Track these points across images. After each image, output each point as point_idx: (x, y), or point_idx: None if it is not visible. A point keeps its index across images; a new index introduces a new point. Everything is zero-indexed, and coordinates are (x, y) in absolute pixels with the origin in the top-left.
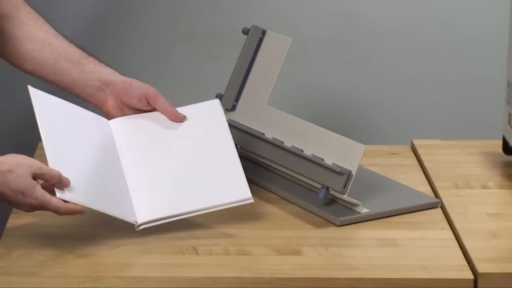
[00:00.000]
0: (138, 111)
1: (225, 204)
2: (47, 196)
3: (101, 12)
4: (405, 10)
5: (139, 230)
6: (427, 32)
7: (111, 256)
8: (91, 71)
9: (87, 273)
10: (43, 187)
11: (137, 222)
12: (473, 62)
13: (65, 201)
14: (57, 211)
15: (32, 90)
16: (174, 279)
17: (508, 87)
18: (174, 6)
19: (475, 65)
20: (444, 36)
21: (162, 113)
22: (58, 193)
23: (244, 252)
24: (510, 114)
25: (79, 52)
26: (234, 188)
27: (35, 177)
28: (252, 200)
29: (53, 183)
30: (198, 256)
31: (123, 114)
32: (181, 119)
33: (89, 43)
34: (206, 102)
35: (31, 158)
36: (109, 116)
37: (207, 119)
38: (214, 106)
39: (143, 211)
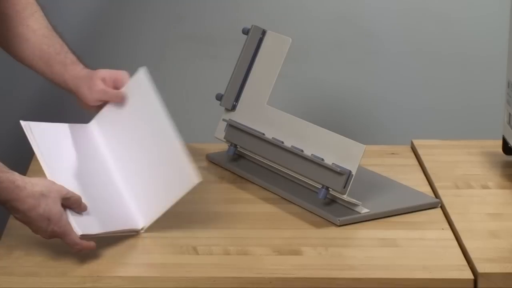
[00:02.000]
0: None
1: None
2: (69, 227)
3: (101, 12)
4: (405, 10)
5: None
6: (427, 32)
7: (111, 256)
8: (57, 73)
9: (87, 273)
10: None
11: (142, 228)
12: (473, 62)
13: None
14: (72, 246)
15: (23, 124)
16: (174, 279)
17: (508, 87)
18: (174, 6)
19: (475, 65)
20: (444, 36)
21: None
22: (77, 230)
23: (244, 252)
24: (510, 114)
25: (51, 50)
26: (184, 177)
27: (63, 203)
28: (198, 181)
29: (75, 207)
30: (198, 256)
31: (95, 110)
32: (120, 99)
33: (89, 43)
34: (135, 76)
35: (57, 183)
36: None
37: (139, 97)
38: (141, 80)
39: (141, 215)
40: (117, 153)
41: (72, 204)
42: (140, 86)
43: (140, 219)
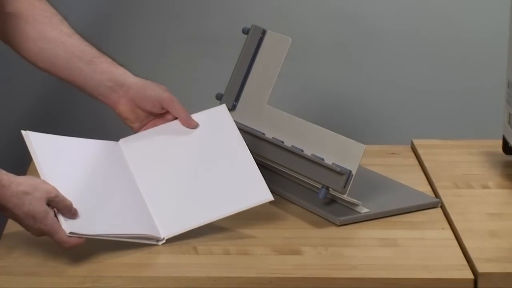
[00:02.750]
0: (152, 114)
1: (246, 207)
2: (56, 225)
3: (101, 12)
4: (405, 10)
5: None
6: (427, 32)
7: (111, 256)
8: (104, 70)
9: (87, 273)
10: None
11: (162, 238)
12: (473, 62)
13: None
14: (60, 243)
15: (24, 133)
16: (174, 279)
17: (508, 87)
18: (174, 6)
19: (475, 65)
20: (444, 36)
21: (177, 117)
22: (66, 228)
23: (244, 252)
24: (510, 114)
25: (93, 51)
26: (253, 190)
27: (49, 203)
28: (272, 198)
29: (64, 212)
30: (198, 256)
31: (136, 116)
32: (194, 125)
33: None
34: (214, 108)
35: (49, 184)
36: (121, 117)
37: (217, 124)
38: (222, 112)
39: (166, 226)
40: (153, 170)
41: (60, 207)
42: (219, 116)
43: (165, 227)
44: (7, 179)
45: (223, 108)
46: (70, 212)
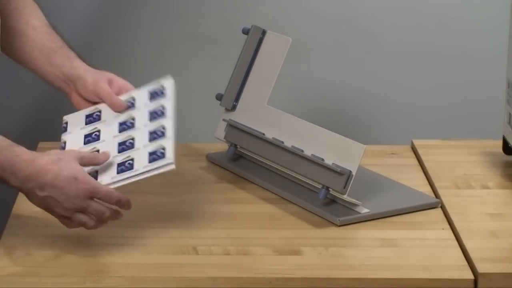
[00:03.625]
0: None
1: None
2: (96, 182)
3: (101, 12)
4: (405, 10)
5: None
6: (427, 32)
7: (111, 256)
8: (57, 64)
9: (87, 273)
10: None
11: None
12: (473, 62)
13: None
14: (110, 198)
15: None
16: (174, 279)
17: (508, 87)
18: (174, 6)
19: (475, 65)
20: (444, 36)
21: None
22: (107, 180)
23: (244, 252)
24: (510, 114)
25: (53, 44)
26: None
27: (80, 163)
28: (174, 167)
29: (94, 162)
30: (198, 256)
31: (88, 105)
32: (123, 107)
33: (88, 42)
34: (161, 80)
35: (69, 149)
36: (77, 107)
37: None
38: (167, 85)
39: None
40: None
41: (89, 161)
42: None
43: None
44: (33, 153)
45: (170, 83)
46: (99, 159)
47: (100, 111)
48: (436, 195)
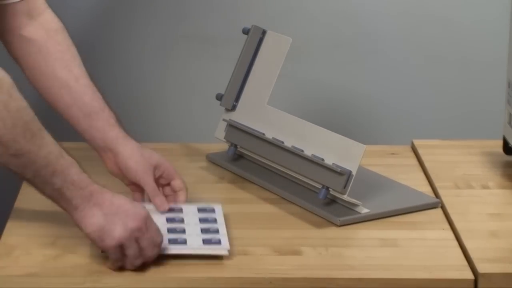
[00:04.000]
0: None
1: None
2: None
3: (101, 12)
4: (405, 10)
5: None
6: (427, 32)
7: None
8: (98, 129)
9: (87, 273)
10: None
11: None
12: (473, 62)
13: None
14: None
15: None
16: (174, 279)
17: (508, 87)
18: (174, 6)
19: (475, 65)
20: (444, 36)
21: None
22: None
23: (244, 252)
24: (510, 114)
25: (94, 103)
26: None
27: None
28: (227, 253)
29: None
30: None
31: (123, 177)
32: (165, 209)
33: (90, 42)
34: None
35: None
36: (111, 174)
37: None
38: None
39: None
40: None
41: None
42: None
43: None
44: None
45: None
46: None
47: None
48: (436, 195)
